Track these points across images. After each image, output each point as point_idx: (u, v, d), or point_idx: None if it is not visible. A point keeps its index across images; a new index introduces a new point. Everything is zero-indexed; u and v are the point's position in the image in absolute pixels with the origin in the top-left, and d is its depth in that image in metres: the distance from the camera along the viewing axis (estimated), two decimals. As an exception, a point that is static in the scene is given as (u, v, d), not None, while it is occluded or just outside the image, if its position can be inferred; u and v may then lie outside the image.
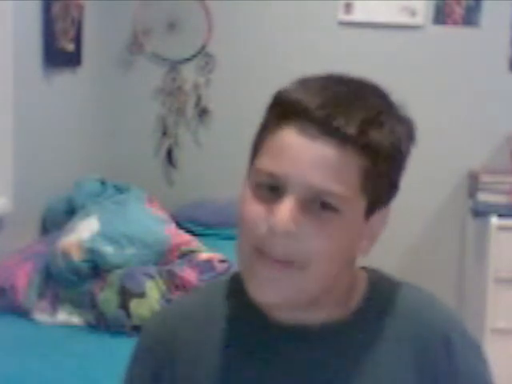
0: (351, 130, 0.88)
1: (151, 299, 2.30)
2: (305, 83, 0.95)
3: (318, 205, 0.90)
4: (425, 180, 3.58)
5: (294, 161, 0.89)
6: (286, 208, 0.88)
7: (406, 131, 0.95)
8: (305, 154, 0.89)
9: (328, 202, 0.89)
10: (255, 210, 0.92)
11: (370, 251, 0.98)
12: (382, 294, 1.01)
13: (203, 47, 3.66)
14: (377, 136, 0.90)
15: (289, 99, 0.93)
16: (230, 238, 3.30)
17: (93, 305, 2.34)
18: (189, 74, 3.69)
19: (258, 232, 0.90)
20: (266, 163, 0.92)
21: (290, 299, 0.92)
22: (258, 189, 0.92)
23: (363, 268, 1.05)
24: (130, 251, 2.45)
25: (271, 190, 0.91)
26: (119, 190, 3.05)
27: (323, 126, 0.89)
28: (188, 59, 3.68)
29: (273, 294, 0.91)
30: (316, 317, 0.97)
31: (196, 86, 3.69)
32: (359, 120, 0.89)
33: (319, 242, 0.90)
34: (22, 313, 2.36)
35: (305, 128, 0.90)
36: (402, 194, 0.95)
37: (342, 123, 0.88)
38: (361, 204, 0.93)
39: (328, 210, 0.90)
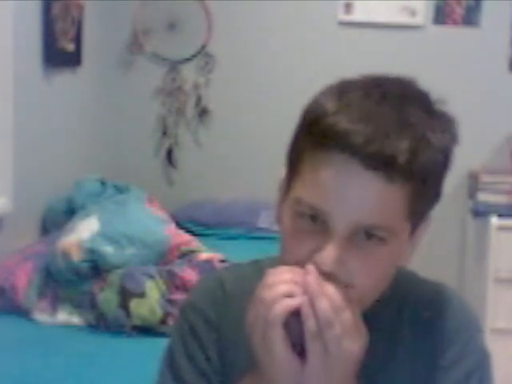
0: (399, 161, 0.85)
1: (151, 299, 2.30)
2: (344, 100, 0.88)
3: (363, 236, 0.88)
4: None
5: (339, 198, 0.86)
6: (332, 248, 0.86)
7: (450, 135, 0.92)
8: (350, 191, 0.86)
9: (375, 234, 0.88)
10: (300, 246, 0.89)
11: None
12: (399, 291, 1.00)
13: (203, 47, 3.66)
14: (426, 159, 0.87)
15: (331, 128, 0.86)
16: (230, 238, 3.34)
17: (93, 305, 2.34)
18: (189, 74, 3.69)
19: (301, 256, 0.89)
20: (307, 195, 0.88)
21: None
22: (299, 217, 0.90)
23: None
24: (129, 251, 2.45)
25: (313, 218, 0.88)
26: (119, 190, 3.05)
27: (370, 161, 0.85)
28: (188, 59, 3.68)
29: None
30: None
31: (196, 86, 3.69)
32: (407, 149, 0.85)
33: (365, 273, 0.88)
34: (22, 313, 2.36)
35: (349, 163, 0.85)
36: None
37: (389, 156, 0.84)
38: (406, 227, 0.91)
39: (373, 241, 0.88)
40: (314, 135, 0.89)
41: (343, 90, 0.91)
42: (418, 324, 0.99)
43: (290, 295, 0.86)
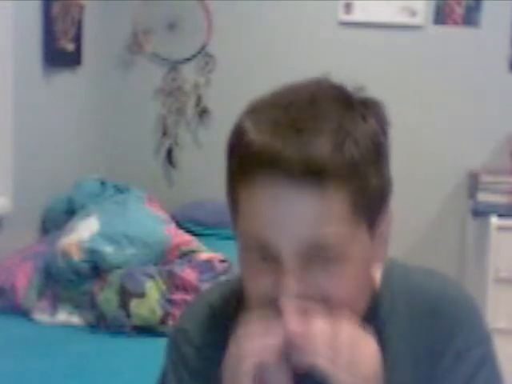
0: (323, 163, 0.79)
1: (151, 299, 2.30)
2: (257, 116, 0.85)
3: (317, 253, 0.83)
4: (425, 180, 3.59)
5: (277, 226, 0.81)
6: (291, 281, 0.82)
7: (376, 120, 0.87)
8: (286, 215, 0.81)
9: (329, 257, 0.83)
10: (258, 285, 0.85)
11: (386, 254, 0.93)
12: (393, 287, 0.97)
13: (203, 47, 3.66)
14: (351, 152, 0.81)
15: (246, 151, 0.82)
16: (230, 238, 3.31)
17: (93, 305, 2.34)
18: (189, 74, 3.69)
19: (263, 296, 0.85)
20: (248, 227, 0.84)
21: None
22: (250, 253, 0.85)
23: None
24: (130, 251, 2.45)
25: (262, 251, 0.84)
26: (119, 190, 3.05)
27: (293, 174, 0.80)
28: (188, 59, 3.68)
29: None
30: None
31: (196, 86, 3.69)
32: (327, 149, 0.80)
33: (336, 287, 0.84)
34: (22, 313, 2.36)
35: (275, 183, 0.81)
36: (402, 194, 0.96)
37: (311, 162, 0.79)
38: (360, 228, 0.85)
39: (330, 256, 0.83)
40: (236, 162, 0.85)
41: (253, 108, 0.88)
42: (415, 316, 0.96)
43: (260, 349, 0.82)
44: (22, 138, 2.73)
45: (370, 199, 0.85)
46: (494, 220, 3.07)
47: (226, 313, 1.00)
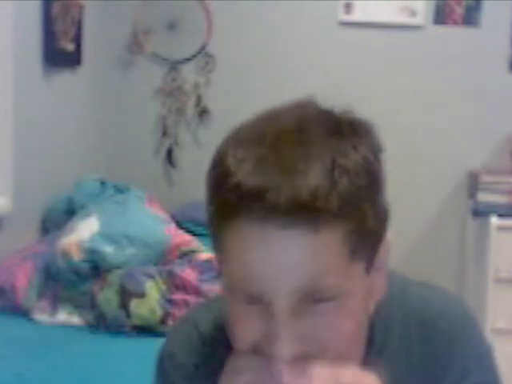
0: (315, 203, 0.73)
1: (151, 299, 2.30)
2: (241, 154, 0.78)
3: (311, 302, 0.77)
4: (425, 180, 3.59)
5: (267, 275, 0.75)
6: (284, 334, 0.76)
7: (368, 148, 0.80)
8: (278, 258, 0.75)
9: (325, 299, 0.77)
10: (246, 335, 0.80)
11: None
12: (390, 308, 0.92)
13: (203, 47, 3.66)
14: (346, 187, 0.75)
15: (232, 194, 0.75)
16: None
17: (93, 305, 2.34)
18: (189, 74, 3.69)
19: (257, 348, 0.80)
20: (235, 272, 0.78)
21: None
22: (236, 294, 0.79)
23: None
24: (129, 251, 2.45)
25: (251, 301, 0.78)
26: (119, 190, 3.05)
27: (284, 216, 0.73)
28: (188, 59, 3.68)
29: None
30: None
31: (196, 86, 3.69)
32: (320, 186, 0.74)
33: (333, 334, 0.79)
34: (22, 313, 2.36)
35: (263, 227, 0.74)
36: (402, 195, 0.96)
37: (302, 203, 0.73)
38: (357, 268, 0.79)
39: (325, 302, 0.77)
40: (221, 203, 0.78)
41: (237, 142, 0.82)
42: (413, 338, 0.92)
43: None
44: (22, 138, 2.73)
45: (367, 236, 0.79)
46: (494, 220, 3.07)
47: (215, 339, 0.94)
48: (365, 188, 0.77)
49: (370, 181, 0.79)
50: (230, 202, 0.75)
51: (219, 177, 0.78)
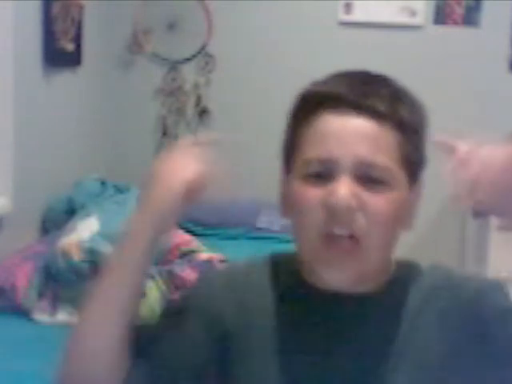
0: (383, 106, 0.98)
1: (151, 299, 2.30)
2: (325, 79, 1.04)
3: (370, 180, 0.97)
4: (425, 180, 3.58)
5: (339, 141, 0.97)
6: (343, 185, 0.95)
7: (421, 111, 1.04)
8: (347, 133, 0.97)
9: (376, 177, 0.97)
10: (313, 195, 0.97)
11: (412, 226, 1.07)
12: (407, 272, 1.09)
13: (203, 47, 3.66)
14: (404, 112, 1.00)
15: (320, 91, 1.00)
16: (230, 238, 3.33)
17: (93, 305, 2.33)
18: (189, 74, 3.69)
19: (321, 216, 0.96)
20: (313, 152, 0.98)
21: (354, 278, 1.00)
22: (308, 179, 0.98)
23: None
24: (129, 251, 2.45)
25: (320, 177, 0.97)
26: (119, 190, 3.05)
27: (358, 107, 0.97)
28: (188, 59, 3.68)
29: (340, 275, 0.99)
30: (356, 288, 1.03)
31: (196, 86, 3.69)
32: (387, 98, 0.99)
33: (377, 209, 0.97)
34: (22, 313, 2.36)
35: (342, 111, 0.98)
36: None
37: (374, 102, 0.97)
38: (403, 176, 1.00)
39: (378, 184, 0.97)
40: (307, 103, 1.02)
41: (321, 78, 1.05)
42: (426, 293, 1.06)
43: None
44: (22, 138, 2.73)
45: (411, 157, 1.01)
46: (494, 220, 3.07)
47: (247, 278, 1.11)
48: (416, 120, 1.02)
49: (419, 127, 1.03)
50: (313, 99, 1.01)
51: (309, 87, 1.04)
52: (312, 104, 1.00)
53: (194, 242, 2.67)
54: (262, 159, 3.68)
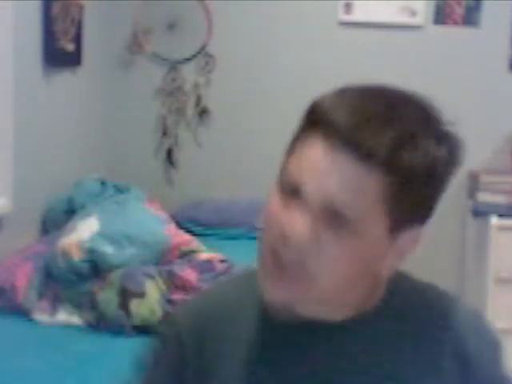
0: (379, 152, 0.86)
1: (151, 299, 2.30)
2: (342, 94, 0.92)
3: (336, 221, 0.87)
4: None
5: (313, 169, 0.89)
6: (298, 218, 0.88)
7: (445, 152, 0.92)
8: (324, 165, 0.88)
9: (345, 217, 0.87)
10: (275, 210, 0.91)
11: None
12: (401, 292, 1.02)
13: (203, 47, 3.66)
14: (408, 159, 0.87)
15: (320, 109, 0.91)
16: (230, 237, 3.34)
17: (93, 305, 2.34)
18: (189, 74, 3.69)
19: (274, 233, 0.90)
20: (290, 168, 0.91)
21: (295, 302, 0.94)
22: (283, 191, 0.92)
23: None
24: (129, 251, 2.45)
25: (294, 195, 0.90)
26: (119, 190, 3.05)
27: (349, 142, 0.87)
28: (188, 59, 3.68)
29: (279, 296, 0.92)
30: (337, 312, 0.97)
31: (196, 86, 3.69)
32: (389, 143, 0.86)
33: (335, 259, 0.88)
34: (22, 313, 2.36)
35: (331, 141, 0.88)
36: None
37: (370, 147, 0.86)
38: (383, 222, 0.89)
39: (348, 228, 0.87)
40: (308, 116, 0.93)
41: (344, 87, 0.94)
42: (423, 329, 1.00)
43: None
44: (22, 138, 2.73)
45: (403, 205, 0.89)
46: (494, 220, 3.07)
47: (224, 303, 1.04)
48: (424, 170, 0.88)
49: (428, 175, 0.89)
50: (320, 120, 0.90)
51: (315, 101, 0.92)
52: (310, 119, 0.93)
53: (194, 242, 2.67)
54: (262, 159, 3.68)
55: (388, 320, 0.99)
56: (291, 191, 0.90)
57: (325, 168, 0.88)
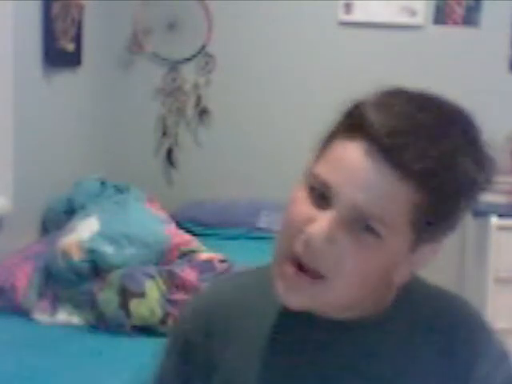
0: (417, 166, 0.85)
1: (151, 299, 2.30)
2: (388, 101, 0.89)
3: (361, 226, 0.87)
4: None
5: (349, 177, 0.87)
6: (325, 222, 0.87)
7: (482, 174, 0.94)
8: (361, 174, 0.86)
9: (370, 226, 0.87)
10: (300, 211, 0.90)
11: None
12: (413, 298, 1.02)
13: (203, 47, 3.66)
14: (444, 180, 0.86)
15: (364, 116, 0.88)
16: (230, 238, 3.34)
17: (93, 305, 2.34)
18: (189, 74, 3.69)
19: (295, 235, 0.89)
20: (323, 171, 0.89)
21: (310, 307, 0.94)
22: (311, 193, 0.90)
23: None
24: (129, 251, 2.45)
25: (323, 197, 0.89)
26: (119, 190, 3.05)
27: (390, 154, 0.85)
28: (188, 59, 3.68)
29: (294, 299, 0.92)
30: (346, 314, 0.98)
31: (196, 86, 3.69)
32: (430, 163, 0.85)
33: (352, 263, 0.88)
34: (22, 313, 2.36)
35: (371, 150, 0.86)
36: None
37: (410, 160, 0.85)
38: (408, 236, 0.89)
39: (370, 234, 0.87)
40: (348, 120, 0.90)
41: (390, 90, 0.93)
42: (433, 334, 1.00)
43: None
44: (22, 138, 2.73)
45: (431, 221, 0.89)
46: (494, 220, 3.07)
47: (234, 301, 1.05)
48: (458, 191, 0.89)
49: (460, 195, 0.90)
50: (360, 124, 0.87)
51: (357, 104, 0.90)
52: (351, 124, 0.89)
53: (194, 242, 2.67)
54: (263, 159, 3.68)
55: (397, 324, 0.99)
56: (321, 194, 0.89)
57: (362, 177, 0.86)
